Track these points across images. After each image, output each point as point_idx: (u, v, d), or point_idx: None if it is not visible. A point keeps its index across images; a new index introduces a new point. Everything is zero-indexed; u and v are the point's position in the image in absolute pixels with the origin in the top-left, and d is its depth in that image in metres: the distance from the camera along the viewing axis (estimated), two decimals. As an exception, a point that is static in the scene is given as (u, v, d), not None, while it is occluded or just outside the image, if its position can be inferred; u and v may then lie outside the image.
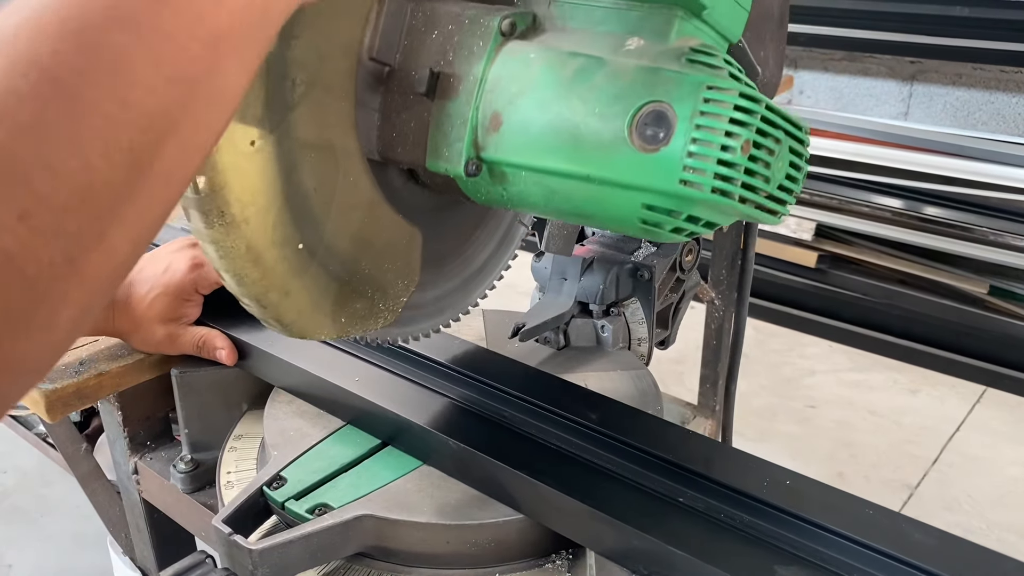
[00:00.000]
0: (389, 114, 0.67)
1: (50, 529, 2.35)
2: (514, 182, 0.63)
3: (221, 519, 0.72)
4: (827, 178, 3.16)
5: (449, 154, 0.65)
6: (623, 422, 0.77)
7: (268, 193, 0.62)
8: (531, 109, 0.61)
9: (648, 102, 0.57)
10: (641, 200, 0.58)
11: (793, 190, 0.62)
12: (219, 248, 0.62)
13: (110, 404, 0.98)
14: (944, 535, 0.63)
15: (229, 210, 0.60)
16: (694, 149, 0.55)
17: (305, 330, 0.69)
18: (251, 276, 0.64)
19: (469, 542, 0.73)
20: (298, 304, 0.67)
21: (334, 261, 0.68)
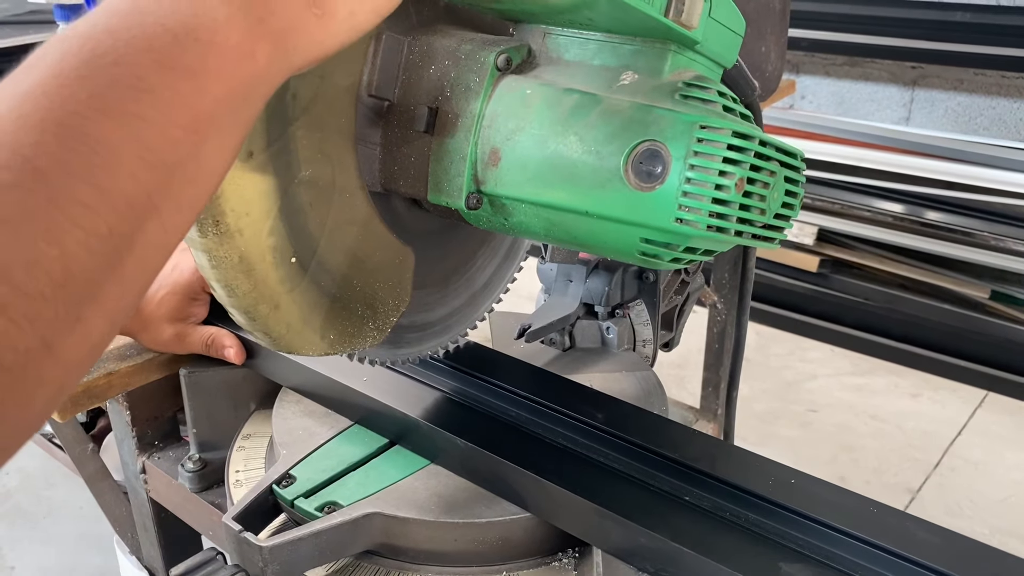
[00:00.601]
0: (390, 148, 0.68)
1: (53, 531, 2.36)
2: (515, 214, 0.65)
3: (231, 517, 0.73)
4: (829, 183, 3.17)
5: (450, 188, 0.66)
6: (629, 421, 0.77)
7: (263, 205, 0.62)
8: (528, 146, 0.62)
9: (643, 141, 0.58)
10: (639, 235, 0.59)
11: (790, 216, 0.63)
12: (211, 257, 0.62)
13: (118, 404, 0.98)
14: (948, 533, 0.63)
15: (224, 220, 0.60)
16: (689, 189, 0.56)
17: (292, 345, 0.69)
18: (242, 287, 0.64)
19: (476, 540, 0.74)
20: (287, 318, 0.67)
21: (326, 277, 0.68)
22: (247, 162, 0.60)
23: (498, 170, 0.63)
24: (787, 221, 0.63)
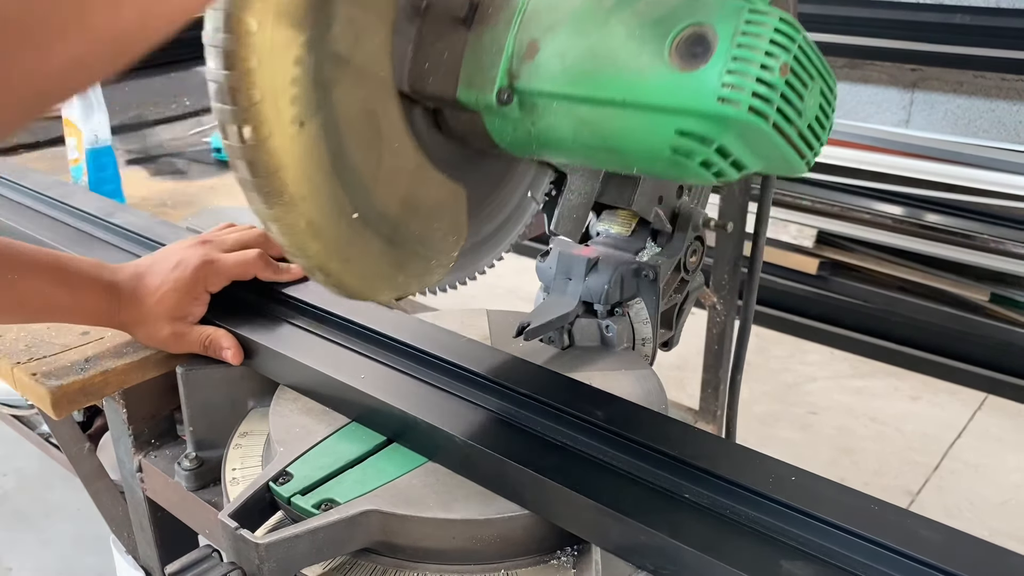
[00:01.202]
0: (423, 45, 0.69)
1: (50, 532, 2.35)
2: (544, 114, 0.64)
3: (228, 513, 0.72)
4: (828, 185, 3.16)
5: (482, 82, 0.66)
6: (628, 419, 0.77)
7: (321, 169, 0.66)
8: (569, 36, 0.62)
9: (689, 24, 0.57)
10: (675, 125, 0.58)
11: (820, 136, 0.63)
12: (281, 226, 0.66)
13: (115, 402, 0.98)
14: (949, 531, 0.63)
15: (287, 191, 0.64)
16: (734, 67, 0.56)
17: (367, 293, 0.74)
18: (312, 249, 0.68)
19: (475, 538, 0.73)
20: (358, 269, 0.72)
21: (387, 226, 0.72)
22: (300, 131, 0.63)
23: (535, 63, 0.63)
24: (818, 141, 0.63)
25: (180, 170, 1.55)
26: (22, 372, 0.92)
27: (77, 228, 1.18)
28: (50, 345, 0.97)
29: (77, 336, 0.99)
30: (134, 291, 0.92)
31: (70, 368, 0.92)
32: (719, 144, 0.59)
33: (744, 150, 0.60)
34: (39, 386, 0.90)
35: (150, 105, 1.92)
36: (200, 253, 0.96)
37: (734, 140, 0.59)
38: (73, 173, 1.40)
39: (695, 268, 1.05)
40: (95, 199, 1.28)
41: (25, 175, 1.40)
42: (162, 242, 1.09)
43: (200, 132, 1.76)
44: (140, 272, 0.94)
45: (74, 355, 0.95)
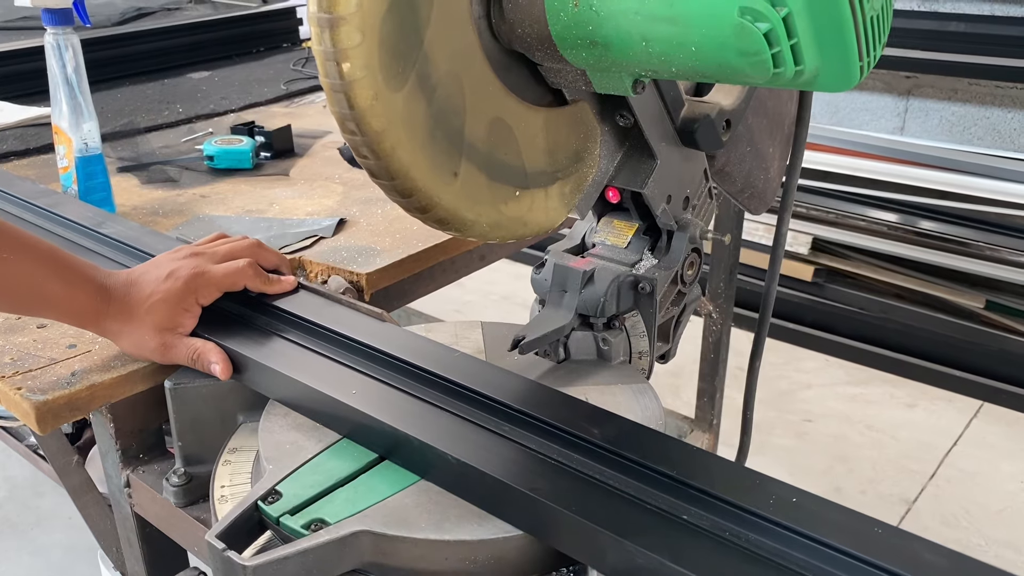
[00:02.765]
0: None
1: (41, 541, 2.33)
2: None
3: (215, 534, 0.70)
4: (824, 192, 3.16)
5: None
6: (626, 437, 0.75)
7: (425, 135, 0.74)
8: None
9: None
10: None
11: (878, 44, 0.63)
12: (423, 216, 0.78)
13: (102, 416, 0.96)
14: (954, 555, 0.62)
15: (396, 153, 0.72)
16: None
17: (541, 226, 0.89)
18: (467, 218, 0.81)
19: (468, 559, 0.72)
20: (529, 203, 0.85)
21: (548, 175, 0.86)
22: (398, 94, 0.71)
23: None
24: (875, 48, 0.63)
25: (172, 178, 1.53)
26: (6, 386, 0.91)
27: (66, 238, 1.17)
28: (36, 358, 0.95)
29: (63, 349, 0.97)
30: (125, 298, 0.91)
31: (56, 382, 0.91)
32: (788, 10, 0.58)
33: (808, 29, 0.60)
34: (24, 400, 0.88)
35: (142, 112, 1.90)
36: (192, 264, 0.94)
37: (802, 9, 0.58)
38: (63, 181, 1.38)
39: (692, 280, 1.04)
40: (85, 209, 1.26)
41: (13, 183, 1.38)
42: (151, 253, 1.08)
43: (192, 140, 1.74)
44: (132, 280, 0.93)
45: (60, 369, 0.93)
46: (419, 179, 0.76)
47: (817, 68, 0.62)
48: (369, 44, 0.69)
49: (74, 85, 1.32)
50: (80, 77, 1.32)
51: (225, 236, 1.05)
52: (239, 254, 0.99)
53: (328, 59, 0.70)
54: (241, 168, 1.56)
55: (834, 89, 0.66)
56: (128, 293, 0.92)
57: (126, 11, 2.72)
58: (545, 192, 0.86)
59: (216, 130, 1.80)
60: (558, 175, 0.87)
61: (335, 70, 0.70)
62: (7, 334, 1.00)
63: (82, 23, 1.36)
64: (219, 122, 1.86)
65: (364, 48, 0.69)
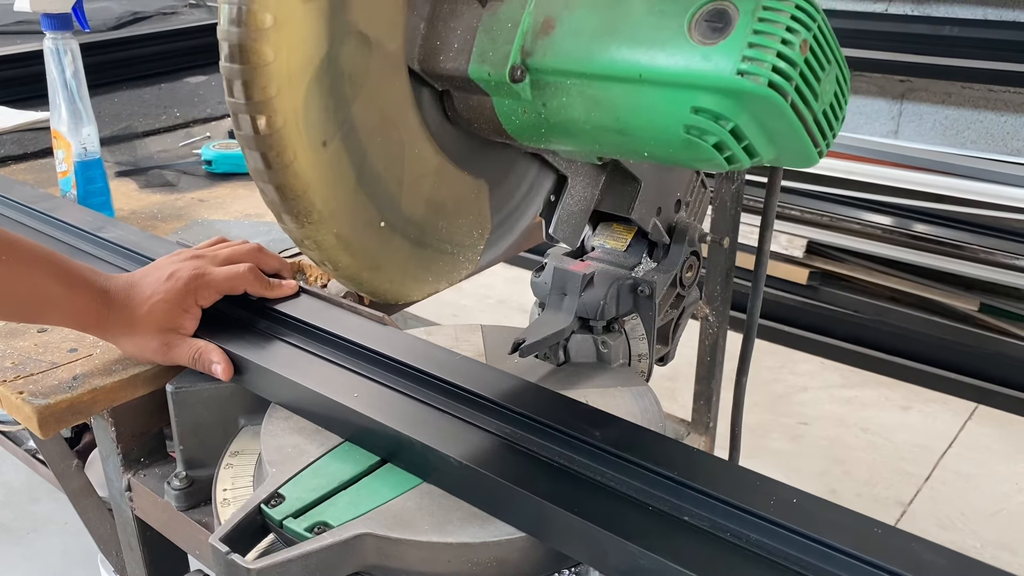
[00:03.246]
0: (436, 22, 0.70)
1: (37, 546, 2.32)
2: (556, 94, 0.63)
3: (219, 537, 0.71)
4: (818, 195, 3.17)
5: (495, 58, 0.66)
6: (627, 439, 0.76)
7: (346, 185, 0.68)
8: (587, 12, 0.62)
9: (710, 0, 0.57)
10: (691, 101, 0.58)
11: (834, 126, 0.62)
12: (313, 243, 0.69)
13: (104, 420, 0.96)
14: (953, 555, 0.62)
15: (315, 208, 0.67)
16: (754, 40, 0.56)
17: (399, 295, 0.78)
18: (344, 261, 0.71)
19: (471, 561, 0.72)
20: (389, 275, 0.76)
21: (414, 229, 0.75)
22: (323, 151, 0.65)
23: (550, 39, 0.63)
24: (832, 129, 0.62)
25: (170, 182, 1.53)
26: (8, 390, 0.91)
27: (66, 243, 1.17)
28: (37, 363, 0.95)
29: (65, 353, 0.97)
30: (126, 300, 0.91)
31: (58, 386, 0.91)
32: (734, 124, 0.58)
33: (758, 133, 0.59)
34: (26, 405, 0.89)
35: (140, 116, 1.91)
36: (192, 266, 0.95)
37: (749, 120, 0.58)
38: (62, 185, 1.38)
39: (691, 283, 1.04)
40: (84, 213, 1.27)
41: (12, 188, 1.38)
42: (152, 257, 1.08)
43: (190, 144, 1.75)
44: (133, 282, 0.93)
45: (62, 373, 0.93)
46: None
47: (775, 157, 0.63)
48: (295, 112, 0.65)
49: (73, 90, 1.32)
50: (79, 82, 1.32)
51: (225, 240, 1.05)
52: (240, 258, 0.99)
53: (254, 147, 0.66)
54: (239, 172, 1.56)
55: (795, 167, 0.66)
56: (129, 296, 0.92)
57: (122, 15, 2.72)
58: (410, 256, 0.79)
59: (214, 134, 1.80)
60: (448, 247, 0.80)
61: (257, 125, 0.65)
62: (8, 338, 1.01)
63: (81, 28, 1.36)
64: (216, 126, 1.87)
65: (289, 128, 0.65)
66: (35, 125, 1.81)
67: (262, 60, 0.60)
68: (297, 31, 0.61)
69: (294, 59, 0.61)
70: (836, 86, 0.61)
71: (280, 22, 0.59)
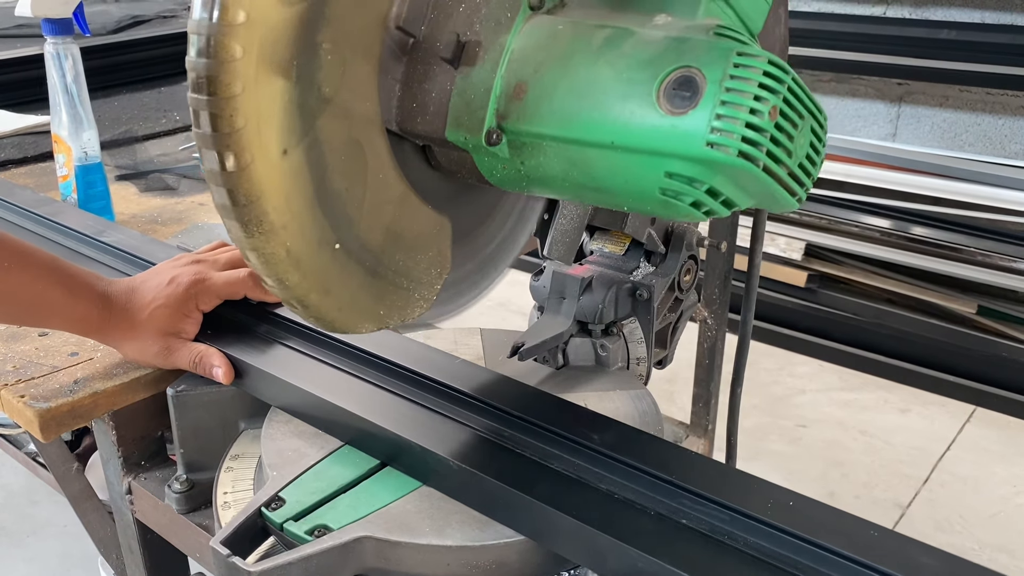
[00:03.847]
0: (411, 84, 0.68)
1: (36, 549, 2.33)
2: (533, 154, 0.64)
3: (220, 540, 0.71)
4: (816, 198, 3.18)
5: (470, 122, 0.65)
6: (625, 443, 0.76)
7: (303, 198, 0.64)
8: (557, 77, 0.61)
9: (677, 67, 0.57)
10: (664, 167, 0.58)
11: (812, 173, 0.62)
12: (260, 255, 0.65)
13: (104, 423, 0.97)
14: (949, 557, 0.63)
15: (267, 218, 0.63)
16: (722, 112, 0.56)
17: (347, 325, 0.73)
18: (292, 279, 0.66)
19: (470, 564, 0.73)
20: (338, 302, 0.70)
21: (369, 257, 0.71)
22: (283, 160, 0.62)
23: (523, 103, 0.62)
24: (809, 178, 0.62)
25: (170, 186, 1.54)
26: (10, 394, 0.91)
27: (67, 247, 1.17)
28: (39, 366, 0.96)
29: (65, 357, 0.97)
30: (126, 305, 0.92)
31: (59, 390, 0.91)
32: (709, 186, 0.58)
33: (734, 190, 0.60)
34: (27, 408, 0.89)
35: (139, 120, 1.91)
36: (193, 271, 0.95)
37: (724, 182, 0.58)
38: (62, 190, 1.38)
39: (689, 287, 1.05)
40: (85, 217, 1.27)
41: (13, 192, 1.39)
42: (152, 261, 1.08)
43: (190, 147, 1.75)
44: (134, 287, 0.94)
45: (63, 377, 0.94)
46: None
47: (752, 205, 0.64)
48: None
49: (74, 94, 1.32)
50: (80, 86, 1.33)
51: (226, 245, 1.05)
52: (240, 263, 0.99)
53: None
54: (239, 176, 1.56)
55: (775, 212, 0.67)
56: (130, 300, 0.92)
57: (121, 19, 2.73)
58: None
59: (213, 138, 1.80)
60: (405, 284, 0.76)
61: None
62: (9, 342, 1.01)
63: (82, 33, 1.37)
64: (216, 130, 1.87)
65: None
66: (35, 129, 1.81)
67: (229, 55, 0.58)
68: (270, 32, 0.59)
69: (263, 58, 0.59)
70: (811, 136, 0.61)
71: (253, 20, 0.58)
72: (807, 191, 0.63)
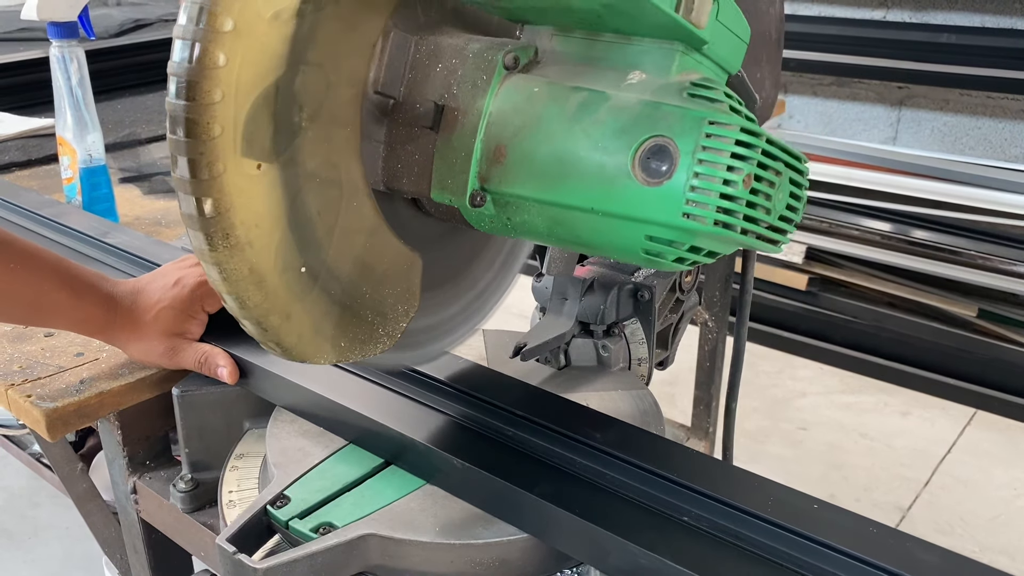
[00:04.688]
0: (394, 145, 0.69)
1: (38, 551, 2.33)
2: (518, 212, 0.64)
3: (225, 538, 0.72)
4: (817, 201, 3.19)
5: (454, 185, 0.66)
6: (627, 441, 0.77)
7: (272, 216, 0.63)
8: (534, 142, 0.62)
9: (651, 136, 0.58)
10: (644, 232, 0.59)
11: (793, 219, 0.64)
12: (222, 270, 0.62)
13: (110, 423, 0.97)
14: (947, 553, 0.63)
15: (234, 232, 0.61)
16: (696, 183, 0.56)
17: (305, 354, 0.69)
18: (253, 299, 0.64)
19: (473, 561, 0.73)
20: (299, 328, 0.67)
21: (336, 285, 0.69)
22: (256, 174, 0.61)
23: (503, 167, 0.63)
24: (791, 224, 0.63)
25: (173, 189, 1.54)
26: (16, 394, 0.92)
27: (72, 248, 1.18)
28: (45, 366, 0.96)
29: (71, 357, 0.98)
30: (132, 306, 0.92)
31: (65, 390, 0.92)
32: (690, 245, 0.60)
33: (717, 245, 0.61)
34: (34, 408, 0.90)
35: (142, 123, 1.92)
36: (198, 272, 0.96)
37: (705, 241, 0.60)
38: (67, 192, 1.39)
39: (690, 288, 1.06)
40: (89, 219, 1.28)
41: (18, 194, 1.39)
42: (157, 262, 1.09)
43: (193, 150, 1.76)
44: (139, 288, 0.94)
45: (69, 376, 0.94)
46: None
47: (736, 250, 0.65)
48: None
49: (79, 97, 1.33)
50: (85, 89, 1.34)
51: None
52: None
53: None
54: (242, 179, 1.57)
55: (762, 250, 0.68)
56: (135, 301, 0.93)
57: (124, 23, 2.74)
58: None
59: (217, 141, 1.81)
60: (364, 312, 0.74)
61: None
62: (15, 343, 1.02)
63: (87, 36, 1.38)
64: (219, 133, 1.88)
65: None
66: (40, 132, 1.82)
67: (212, 62, 0.57)
68: (257, 45, 0.58)
69: (247, 69, 0.58)
70: (791, 187, 0.63)
71: (240, 31, 0.57)
72: (789, 237, 0.64)
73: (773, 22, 1.14)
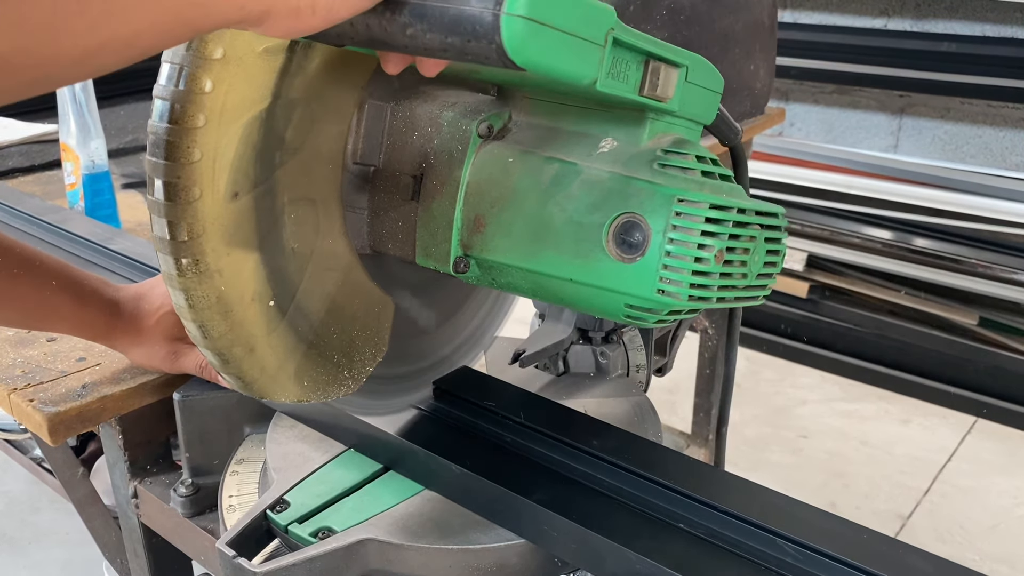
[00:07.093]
0: (378, 212, 0.70)
1: (38, 556, 2.33)
2: (502, 275, 0.66)
3: (225, 542, 0.72)
4: (818, 209, 3.19)
5: (437, 253, 0.67)
6: (624, 448, 0.77)
7: (246, 246, 0.62)
8: (512, 214, 0.63)
9: (623, 213, 0.59)
10: (623, 301, 0.61)
11: (773, 273, 0.64)
12: (189, 297, 0.62)
13: (111, 428, 0.98)
14: (940, 561, 0.64)
15: (204, 259, 0.60)
16: (669, 262, 0.58)
17: (265, 390, 0.68)
18: (218, 328, 0.63)
19: (471, 566, 0.74)
20: (262, 362, 0.66)
21: (303, 322, 0.68)
22: (232, 202, 0.60)
23: (483, 236, 0.64)
24: (770, 278, 0.64)
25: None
26: (19, 398, 0.93)
27: (74, 254, 1.19)
28: (47, 371, 0.97)
29: (73, 362, 0.99)
30: (134, 311, 0.93)
31: (67, 394, 0.93)
32: (669, 311, 0.61)
33: (695, 309, 0.62)
34: (36, 412, 0.90)
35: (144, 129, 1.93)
36: None
37: (683, 306, 0.61)
38: (70, 198, 1.40)
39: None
40: (92, 225, 1.29)
41: (21, 200, 1.40)
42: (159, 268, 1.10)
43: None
44: (141, 293, 0.95)
45: (71, 381, 0.95)
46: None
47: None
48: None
49: (82, 103, 1.34)
50: (88, 95, 1.34)
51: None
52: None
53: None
54: (245, 185, 1.58)
55: None
56: (138, 306, 0.94)
57: (129, 29, 2.75)
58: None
59: (219, 147, 1.82)
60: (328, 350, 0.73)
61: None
62: (18, 347, 1.02)
63: (91, 43, 1.39)
64: (222, 139, 1.88)
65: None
66: (43, 138, 1.83)
67: (199, 88, 0.57)
68: (244, 74, 0.59)
69: (232, 97, 0.58)
70: (768, 244, 0.64)
71: (229, 59, 0.57)
72: (769, 289, 0.65)
73: (765, 9, 1.15)
